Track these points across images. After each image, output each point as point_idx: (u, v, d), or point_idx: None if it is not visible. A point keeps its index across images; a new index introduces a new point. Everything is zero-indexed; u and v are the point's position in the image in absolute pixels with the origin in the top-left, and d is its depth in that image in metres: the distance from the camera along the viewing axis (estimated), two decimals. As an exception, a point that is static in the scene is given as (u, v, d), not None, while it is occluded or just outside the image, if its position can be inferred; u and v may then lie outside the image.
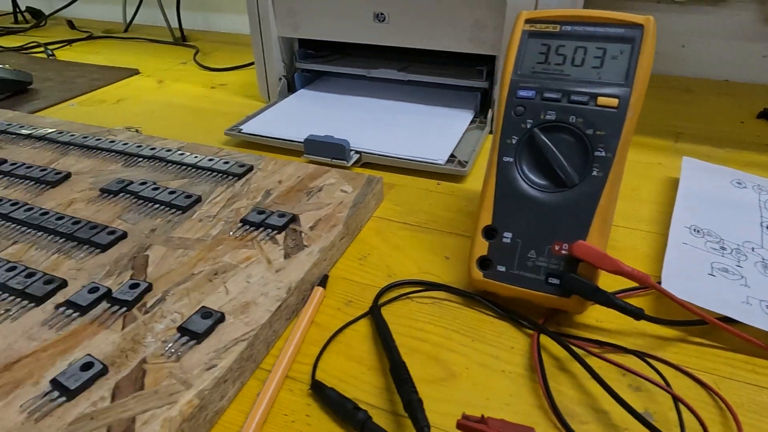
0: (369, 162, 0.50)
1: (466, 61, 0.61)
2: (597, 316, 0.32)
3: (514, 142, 0.33)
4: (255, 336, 0.28)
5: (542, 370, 0.27)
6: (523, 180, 0.32)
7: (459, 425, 0.22)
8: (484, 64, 0.58)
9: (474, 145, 0.51)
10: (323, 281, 0.34)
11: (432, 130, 0.53)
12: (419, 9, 0.53)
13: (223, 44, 0.94)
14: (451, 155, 0.49)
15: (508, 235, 0.32)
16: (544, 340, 0.30)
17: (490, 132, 0.55)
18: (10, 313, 0.29)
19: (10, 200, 0.39)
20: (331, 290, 0.34)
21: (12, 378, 0.25)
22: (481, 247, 0.32)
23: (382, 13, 0.55)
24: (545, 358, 0.29)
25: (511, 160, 0.33)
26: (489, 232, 0.32)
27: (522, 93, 0.33)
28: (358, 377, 0.28)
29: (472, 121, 0.56)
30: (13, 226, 0.37)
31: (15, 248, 0.35)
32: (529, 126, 0.32)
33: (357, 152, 0.49)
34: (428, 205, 0.44)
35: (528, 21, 0.34)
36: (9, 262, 0.32)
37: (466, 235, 0.40)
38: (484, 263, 0.32)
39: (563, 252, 0.30)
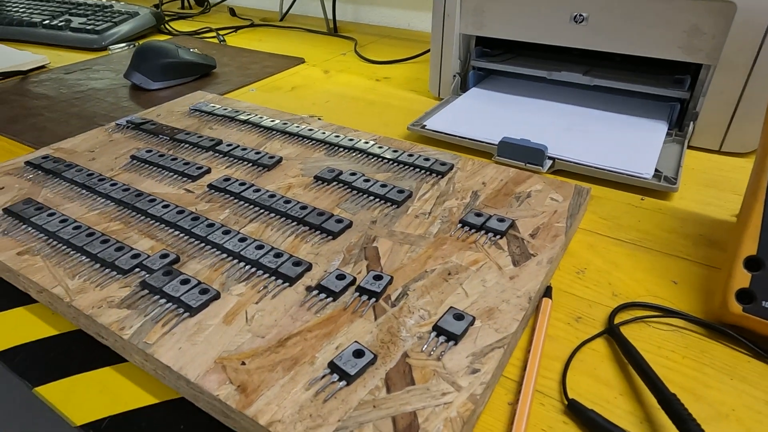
0: (560, 169, 0.48)
1: (658, 67, 0.57)
2: None
3: (789, 166, 0.30)
4: (508, 344, 0.27)
5: (835, 427, 0.25)
6: (800, 210, 0.29)
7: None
8: (685, 72, 0.54)
9: (676, 160, 0.47)
10: (548, 292, 0.33)
11: (627, 141, 0.50)
12: (626, 11, 0.50)
13: (376, 37, 0.95)
14: (656, 170, 0.45)
15: (778, 269, 0.29)
16: (818, 390, 0.27)
17: (689, 146, 0.51)
18: (268, 290, 0.31)
19: (237, 180, 0.42)
20: (556, 303, 0.33)
21: (289, 354, 0.27)
22: (742, 278, 0.30)
23: (581, 14, 0.52)
24: (825, 411, 0.26)
25: (786, 186, 0.30)
26: (752, 263, 0.30)
27: (804, 113, 0.30)
28: (610, 402, 0.27)
29: (668, 134, 0.52)
30: (246, 205, 0.39)
31: (253, 226, 0.37)
32: (812, 151, 0.29)
33: (551, 158, 0.48)
34: (637, 222, 0.41)
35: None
36: (255, 240, 0.35)
37: (690, 260, 0.37)
38: (743, 296, 0.30)
39: None
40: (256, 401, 0.24)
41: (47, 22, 0.91)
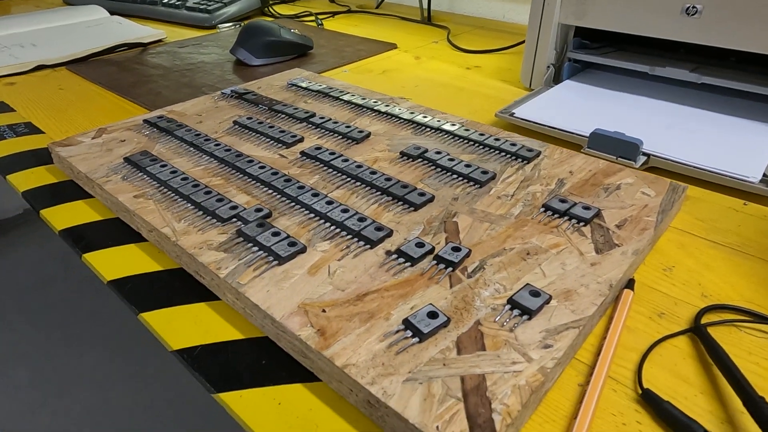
0: (655, 167, 0.46)
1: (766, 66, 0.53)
2: None
3: None
4: (583, 326, 0.27)
5: None
6: None
7: None
8: (810, 74, 0.50)
9: (789, 166, 0.44)
10: (630, 284, 0.32)
11: (732, 142, 0.47)
12: (744, 3, 0.47)
13: (470, 27, 0.95)
14: (764, 174, 0.42)
15: None
16: None
17: (807, 154, 0.47)
18: (350, 250, 0.33)
19: (327, 149, 0.44)
20: (638, 297, 0.32)
21: (365, 308, 0.28)
22: None
23: (694, 6, 0.49)
24: None
25: None
26: None
27: None
28: (689, 398, 0.26)
29: (782, 139, 0.48)
30: (334, 172, 0.41)
31: (339, 192, 0.39)
32: None
33: (645, 154, 0.45)
34: (737, 226, 0.39)
35: None
36: (341, 204, 0.37)
37: (795, 270, 0.34)
38: None
39: None
40: (333, 345, 0.26)
41: (166, 0, 0.99)
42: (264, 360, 0.29)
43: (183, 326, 0.31)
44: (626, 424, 0.25)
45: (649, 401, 0.25)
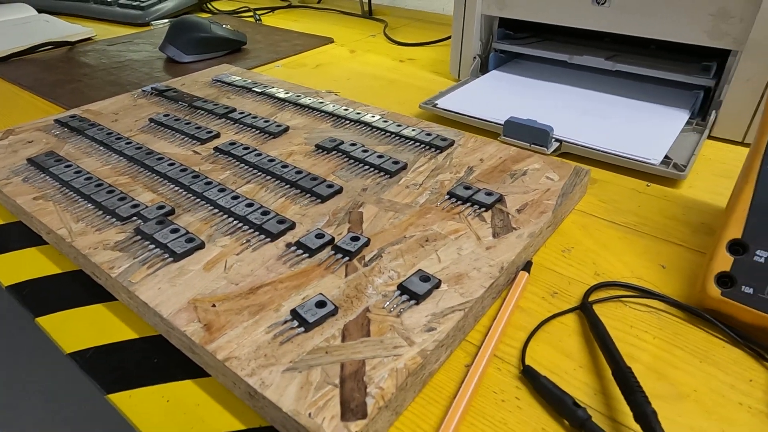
0: (567, 152, 0.47)
1: (681, 54, 0.55)
2: None
3: (785, 149, 0.28)
4: (470, 308, 0.28)
5: (798, 415, 0.24)
6: (792, 194, 0.28)
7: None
8: (712, 59, 0.52)
9: (691, 148, 0.46)
10: (527, 266, 0.33)
11: (641, 127, 0.49)
12: (650, -8, 0.48)
13: (409, 20, 0.95)
14: (666, 156, 0.44)
15: (762, 253, 0.28)
16: (793, 380, 0.26)
17: (710, 136, 0.49)
18: (250, 244, 0.33)
19: (242, 144, 0.44)
20: (534, 277, 0.33)
21: (257, 301, 0.28)
22: (723, 262, 0.29)
23: (603, -5, 0.51)
24: (795, 401, 0.25)
25: (779, 169, 0.28)
26: (736, 247, 0.29)
27: (806, 93, 0.28)
28: (569, 373, 0.27)
29: (688, 122, 0.50)
30: (246, 167, 0.41)
31: (249, 187, 0.39)
32: (810, 133, 0.28)
33: (558, 140, 0.47)
34: (637, 207, 0.40)
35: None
36: (247, 198, 0.36)
37: (685, 246, 0.36)
38: (723, 280, 0.29)
39: (838, 285, 0.26)
40: (218, 339, 0.26)
41: (98, -3, 0.96)
42: (156, 358, 0.28)
43: (78, 328, 0.31)
44: (505, 400, 0.25)
45: (529, 377, 0.26)
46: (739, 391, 0.26)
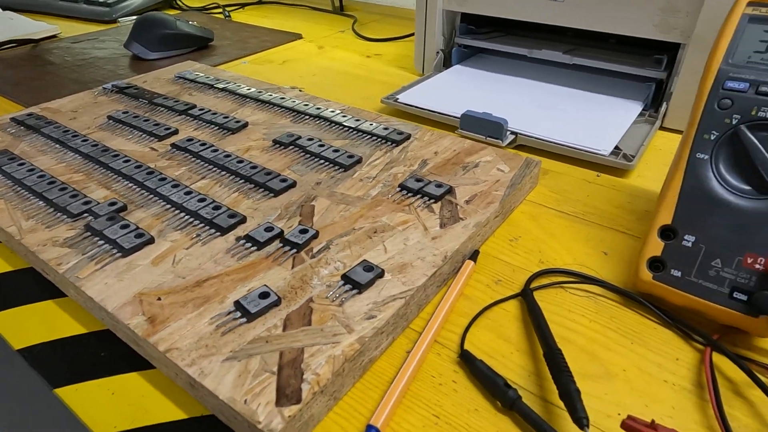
0: (524, 144, 0.48)
1: (638, 47, 0.56)
2: (784, 344, 0.28)
3: (712, 138, 0.30)
4: (411, 296, 0.29)
5: (716, 390, 0.25)
6: (718, 181, 0.29)
7: (625, 426, 0.21)
8: (663, 52, 0.53)
9: (642, 139, 0.47)
10: (474, 256, 0.34)
11: (595, 119, 0.50)
12: (601, -13, 0.50)
13: (379, 16, 0.96)
14: (616, 147, 0.45)
15: (689, 238, 0.29)
16: (717, 358, 0.27)
17: (661, 127, 0.51)
18: (200, 238, 0.33)
19: (199, 140, 0.44)
20: (481, 266, 0.34)
21: (202, 294, 0.29)
22: (655, 247, 0.30)
23: (558, -10, 0.52)
24: (717, 378, 0.26)
25: (706, 157, 0.30)
26: (666, 233, 0.30)
27: (731, 84, 0.29)
28: (506, 356, 0.28)
29: (641, 114, 0.51)
30: (202, 163, 0.41)
31: (203, 183, 0.39)
32: (734, 122, 0.29)
33: (513, 133, 0.48)
34: (586, 196, 0.41)
35: (750, 4, 0.30)
36: (200, 194, 0.37)
37: (628, 233, 0.37)
38: (655, 265, 0.30)
39: (757, 266, 0.27)
40: (160, 331, 0.26)
41: (64, -6, 0.95)
42: (103, 352, 0.29)
43: (28, 325, 0.31)
44: (442, 384, 0.26)
45: (466, 361, 0.27)
46: (666, 369, 0.27)
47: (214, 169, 0.41)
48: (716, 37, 0.31)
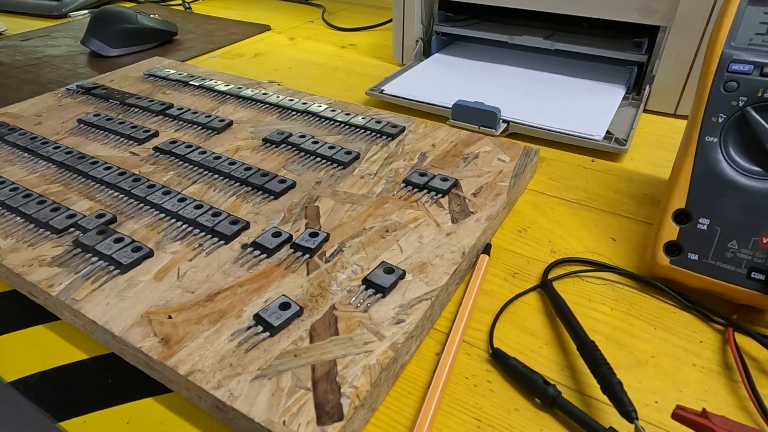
0: (516, 132, 0.48)
1: (618, 31, 0.57)
2: (797, 319, 0.29)
3: (720, 120, 0.30)
4: (436, 296, 0.28)
5: (746, 370, 0.25)
6: (728, 163, 0.29)
7: (676, 416, 0.21)
8: (644, 36, 0.54)
9: (630, 122, 0.48)
10: (487, 249, 0.33)
11: (583, 104, 0.50)
12: (583, -28, 0.50)
13: (347, 5, 0.94)
14: (608, 132, 0.46)
15: (704, 221, 0.29)
16: (738, 338, 0.28)
17: (645, 110, 0.52)
18: (203, 248, 0.31)
19: (184, 142, 0.41)
20: (495, 260, 0.34)
21: (216, 308, 0.27)
22: (670, 231, 0.30)
23: (539, -24, 0.52)
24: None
25: (715, 140, 0.30)
26: (681, 217, 0.30)
27: (736, 67, 0.30)
28: (536, 351, 0.27)
29: (624, 97, 0.52)
30: (190, 167, 0.39)
31: (195, 188, 0.37)
32: (741, 104, 0.29)
33: (505, 121, 0.47)
34: (585, 182, 0.41)
35: (750, -14, 0.30)
36: (195, 200, 0.34)
37: (632, 218, 0.37)
38: (671, 249, 0.30)
39: (773, 246, 0.28)
40: (178, 352, 0.24)
41: (5, -12, 0.88)
42: (111, 378, 0.27)
43: (19, 354, 0.28)
44: (477, 385, 0.26)
45: (498, 360, 0.26)
46: (692, 353, 0.27)
47: (205, 172, 0.38)
48: (716, 21, 0.31)
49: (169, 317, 0.26)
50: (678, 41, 0.48)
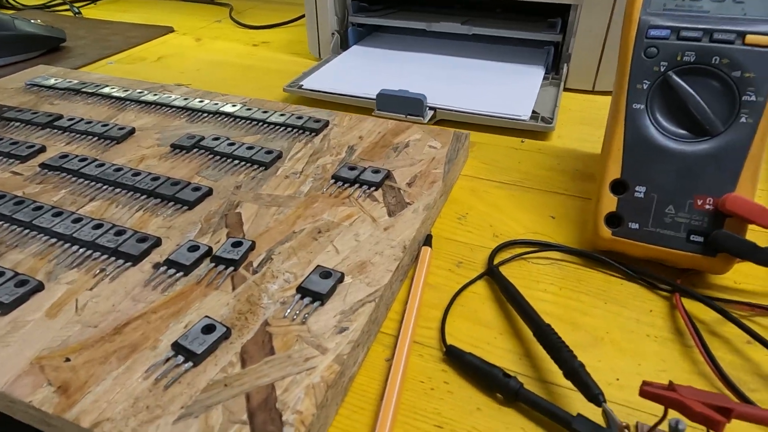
0: (444, 119, 0.46)
1: (532, 13, 0.58)
2: (734, 277, 0.29)
3: (644, 87, 0.30)
4: (380, 297, 0.25)
5: (698, 334, 0.25)
6: (657, 129, 0.29)
7: (644, 393, 0.20)
8: (557, 16, 0.55)
9: (553, 101, 0.48)
10: (428, 240, 0.31)
11: (506, 87, 0.50)
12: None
13: (256, 2, 0.89)
14: (534, 111, 0.45)
15: (641, 189, 0.29)
16: (685, 302, 0.28)
17: (565, 88, 0.52)
18: (106, 273, 0.27)
19: (77, 156, 0.36)
20: (437, 251, 0.32)
21: (126, 341, 0.23)
22: (609, 203, 0.30)
23: (451, -41, 0.51)
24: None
25: (642, 107, 0.30)
26: (618, 187, 0.30)
27: (654, 32, 0.30)
28: (491, 343, 0.26)
29: (545, 77, 0.52)
30: (86, 182, 0.34)
31: (93, 205, 0.32)
32: (663, 69, 0.29)
33: (432, 108, 0.46)
34: (517, 163, 0.41)
35: (658, -48, 0.31)
36: (93, 219, 0.30)
37: (567, 194, 0.37)
38: (612, 220, 0.30)
39: (708, 207, 0.28)
40: (80, 401, 0.20)
41: None
42: (-2, 443, 0.22)
43: None
44: (434, 388, 0.24)
45: (453, 357, 0.24)
46: (644, 323, 0.27)
47: (105, 187, 0.33)
48: (631, -12, 0.31)
49: (67, 360, 0.22)
50: (589, 19, 0.49)
